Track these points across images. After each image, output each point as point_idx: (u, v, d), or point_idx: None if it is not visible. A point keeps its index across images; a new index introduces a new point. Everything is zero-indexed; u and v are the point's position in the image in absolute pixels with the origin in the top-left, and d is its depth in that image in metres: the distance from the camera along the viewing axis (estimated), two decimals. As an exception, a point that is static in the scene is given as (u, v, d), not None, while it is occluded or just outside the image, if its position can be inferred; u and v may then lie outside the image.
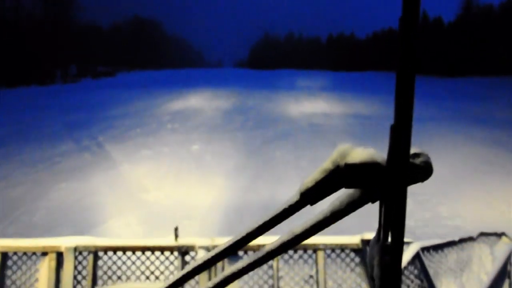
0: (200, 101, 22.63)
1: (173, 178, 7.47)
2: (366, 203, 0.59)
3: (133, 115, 17.25)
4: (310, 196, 0.61)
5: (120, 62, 72.51)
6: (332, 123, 14.91)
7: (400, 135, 0.52)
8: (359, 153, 0.57)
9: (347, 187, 0.59)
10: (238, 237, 0.67)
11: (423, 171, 0.57)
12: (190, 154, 9.42)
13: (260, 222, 0.66)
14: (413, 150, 0.57)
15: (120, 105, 21.44)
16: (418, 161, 0.57)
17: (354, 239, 2.68)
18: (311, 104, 21.40)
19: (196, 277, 2.68)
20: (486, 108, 22.30)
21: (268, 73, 53.44)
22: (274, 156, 9.18)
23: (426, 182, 0.56)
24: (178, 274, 0.73)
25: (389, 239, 0.56)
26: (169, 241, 2.68)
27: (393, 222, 0.55)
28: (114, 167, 8.20)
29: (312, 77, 44.47)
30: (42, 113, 20.11)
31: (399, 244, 0.55)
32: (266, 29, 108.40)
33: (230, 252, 0.69)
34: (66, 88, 38.82)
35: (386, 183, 0.55)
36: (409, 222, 5.60)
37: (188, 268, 0.72)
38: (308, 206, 0.62)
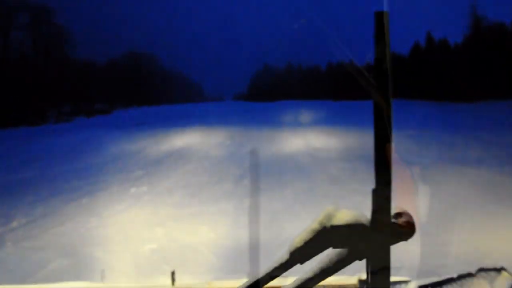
0: (187, 145, 18.73)
1: None
2: (354, 260, 0.60)
3: (95, 170, 13.32)
4: (299, 255, 0.63)
5: (117, 99, 70.02)
6: (357, 178, 10.91)
7: (381, 197, 0.56)
8: (344, 215, 0.59)
9: (334, 247, 0.61)
10: None
11: (406, 230, 0.58)
12: (135, 270, 5.35)
13: (252, 280, 0.68)
14: (396, 210, 0.59)
15: (89, 153, 17.55)
16: (401, 220, 0.59)
17: (351, 280, 2.26)
18: (323, 146, 17.43)
19: None
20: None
21: (268, 105, 50.02)
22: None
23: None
24: None
25: None
26: (166, 286, 2.29)
27: (378, 278, 0.56)
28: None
29: (314, 109, 40.76)
30: (-9, 168, 16.28)
31: None
32: (265, 60, 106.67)
33: None
34: (54, 128, 35.33)
35: (370, 242, 0.57)
36: None
37: None
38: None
